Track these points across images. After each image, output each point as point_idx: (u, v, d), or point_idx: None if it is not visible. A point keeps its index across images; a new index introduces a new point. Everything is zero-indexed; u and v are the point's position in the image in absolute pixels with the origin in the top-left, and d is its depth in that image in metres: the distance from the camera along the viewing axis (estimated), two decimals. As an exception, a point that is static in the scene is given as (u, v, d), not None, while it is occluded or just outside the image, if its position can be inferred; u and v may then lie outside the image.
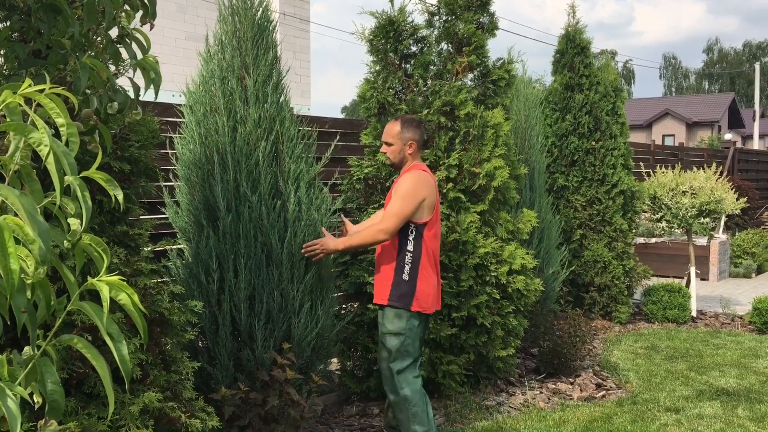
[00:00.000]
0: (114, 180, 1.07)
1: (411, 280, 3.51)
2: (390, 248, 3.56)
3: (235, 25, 3.67)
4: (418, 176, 3.54)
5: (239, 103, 3.58)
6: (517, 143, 5.93)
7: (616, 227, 6.87)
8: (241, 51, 3.65)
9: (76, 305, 0.94)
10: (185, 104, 3.73)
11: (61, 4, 1.61)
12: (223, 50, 3.67)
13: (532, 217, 4.99)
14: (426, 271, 3.54)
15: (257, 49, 3.65)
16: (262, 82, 3.63)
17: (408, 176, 3.54)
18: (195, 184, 3.59)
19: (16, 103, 0.93)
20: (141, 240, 2.84)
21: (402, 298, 3.49)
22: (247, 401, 3.32)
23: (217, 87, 3.60)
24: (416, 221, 3.51)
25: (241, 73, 3.62)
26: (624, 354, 5.81)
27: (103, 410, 2.49)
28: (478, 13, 4.68)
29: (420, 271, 3.52)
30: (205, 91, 3.64)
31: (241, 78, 3.62)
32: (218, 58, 3.66)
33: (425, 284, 3.53)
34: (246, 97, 3.61)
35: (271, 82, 3.67)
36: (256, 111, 3.57)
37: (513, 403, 4.54)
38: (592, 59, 7.06)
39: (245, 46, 3.65)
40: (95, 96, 1.61)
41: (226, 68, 3.62)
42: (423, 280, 3.52)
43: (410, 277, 3.51)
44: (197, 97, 3.65)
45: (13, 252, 0.80)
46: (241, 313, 3.49)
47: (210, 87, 3.64)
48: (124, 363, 0.94)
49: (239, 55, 3.64)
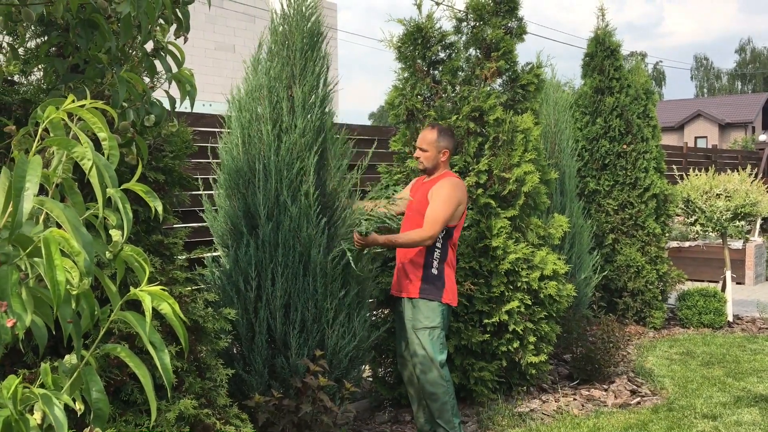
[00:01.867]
0: (153, 191, 1.09)
1: (440, 274, 3.74)
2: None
3: (285, 35, 3.70)
4: (455, 183, 3.77)
5: (285, 112, 3.61)
6: (547, 148, 5.90)
7: (648, 231, 6.78)
8: (289, 61, 3.68)
9: (119, 315, 0.96)
10: (227, 113, 3.78)
11: (98, 20, 1.65)
12: (272, 59, 3.70)
13: (564, 222, 4.95)
14: (450, 268, 3.80)
15: (306, 60, 3.69)
16: (308, 92, 3.66)
17: (445, 183, 3.73)
18: (236, 191, 3.62)
19: (59, 118, 0.95)
20: (175, 249, 2.88)
21: (434, 291, 3.71)
22: (281, 408, 3.34)
23: (264, 95, 3.64)
24: (448, 224, 3.74)
25: (289, 83, 3.65)
26: (659, 360, 5.72)
27: (140, 417, 2.53)
28: (506, 18, 4.67)
29: (446, 268, 3.77)
30: (250, 99, 3.68)
31: (289, 87, 3.65)
32: (267, 67, 3.69)
33: (450, 280, 3.79)
34: (293, 106, 3.63)
35: (318, 93, 3.70)
36: (302, 121, 3.59)
37: (546, 410, 4.50)
38: (622, 62, 6.99)
39: (294, 56, 3.68)
40: (132, 109, 1.65)
41: (275, 77, 3.65)
42: (448, 276, 3.78)
43: (439, 272, 3.74)
44: (242, 105, 3.69)
45: (59, 264, 0.82)
46: (276, 321, 3.52)
47: (256, 95, 3.67)
48: (167, 372, 0.96)
49: (288, 65, 3.67)
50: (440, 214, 3.66)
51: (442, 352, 3.71)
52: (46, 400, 0.84)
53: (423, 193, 3.81)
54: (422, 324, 3.70)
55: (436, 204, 3.69)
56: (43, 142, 0.95)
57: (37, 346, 2.38)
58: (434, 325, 3.70)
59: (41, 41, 2.37)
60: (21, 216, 0.83)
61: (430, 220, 3.66)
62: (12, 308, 0.82)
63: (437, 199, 3.69)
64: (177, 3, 1.81)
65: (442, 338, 3.73)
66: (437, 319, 3.71)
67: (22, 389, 0.84)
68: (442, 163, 3.86)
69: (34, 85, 2.51)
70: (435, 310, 3.71)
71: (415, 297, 3.73)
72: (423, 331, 3.70)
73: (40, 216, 1.03)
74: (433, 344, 3.69)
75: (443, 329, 3.75)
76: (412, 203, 3.86)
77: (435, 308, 3.71)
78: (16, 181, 0.84)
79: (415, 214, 3.81)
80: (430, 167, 3.86)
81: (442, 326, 3.74)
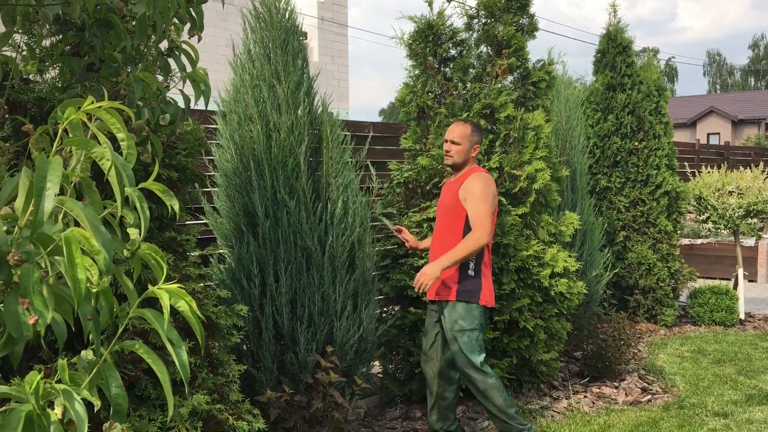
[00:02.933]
0: (169, 190, 1.11)
1: (476, 276, 3.65)
2: (452, 245, 3.64)
3: (263, 32, 3.71)
4: (486, 177, 3.68)
5: (271, 110, 3.62)
6: (558, 145, 5.89)
7: (660, 228, 6.76)
8: (270, 58, 3.70)
9: (138, 312, 0.98)
10: (218, 113, 3.79)
11: (113, 19, 1.66)
12: (251, 59, 3.71)
13: (575, 219, 4.95)
14: (487, 267, 3.70)
15: (287, 55, 3.69)
16: (293, 89, 3.67)
17: (477, 178, 3.64)
18: (234, 191, 3.66)
19: (78, 119, 0.97)
20: (188, 245, 2.91)
21: (471, 293, 3.62)
22: (292, 404, 3.37)
23: (249, 95, 3.65)
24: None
25: (272, 81, 3.67)
26: (670, 357, 5.71)
27: (154, 412, 2.55)
28: (517, 15, 4.67)
29: (483, 268, 3.67)
30: (238, 99, 3.69)
31: (272, 86, 3.66)
32: (248, 67, 3.71)
33: (487, 280, 3.69)
34: (278, 104, 3.65)
35: (302, 89, 3.71)
36: (288, 118, 3.61)
37: (557, 407, 4.50)
38: (634, 58, 6.96)
39: (274, 53, 3.69)
40: (147, 108, 1.66)
41: (257, 76, 3.67)
42: (485, 276, 3.68)
43: (475, 273, 3.65)
44: (231, 106, 3.71)
45: (80, 262, 0.84)
46: (283, 317, 3.54)
47: (243, 96, 3.69)
48: (184, 368, 0.97)
49: (269, 63, 3.69)
50: (484, 210, 3.58)
51: (480, 353, 3.64)
52: (67, 396, 0.86)
53: (453, 190, 3.72)
54: (460, 326, 3.62)
55: (475, 201, 3.60)
56: (62, 142, 0.96)
57: (52, 342, 2.41)
58: (472, 327, 3.62)
59: (56, 40, 2.39)
60: (42, 215, 0.85)
61: (477, 219, 3.58)
62: (34, 305, 0.84)
63: (475, 196, 3.60)
64: (191, 2, 1.82)
65: (480, 340, 3.65)
66: (475, 321, 3.63)
67: (44, 385, 0.86)
68: (471, 158, 3.78)
69: (49, 83, 2.54)
70: (473, 312, 3.63)
71: (452, 300, 3.65)
72: (461, 334, 3.62)
73: (59, 215, 1.05)
74: (471, 347, 3.61)
75: (481, 331, 3.67)
76: (442, 203, 3.78)
77: (473, 310, 3.63)
78: (38, 181, 0.85)
79: (447, 212, 3.73)
80: (460, 162, 3.75)
81: (480, 328, 3.66)
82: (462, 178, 3.72)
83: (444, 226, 3.72)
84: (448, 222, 3.70)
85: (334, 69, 16.96)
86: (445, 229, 3.72)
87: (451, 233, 3.68)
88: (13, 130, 2.45)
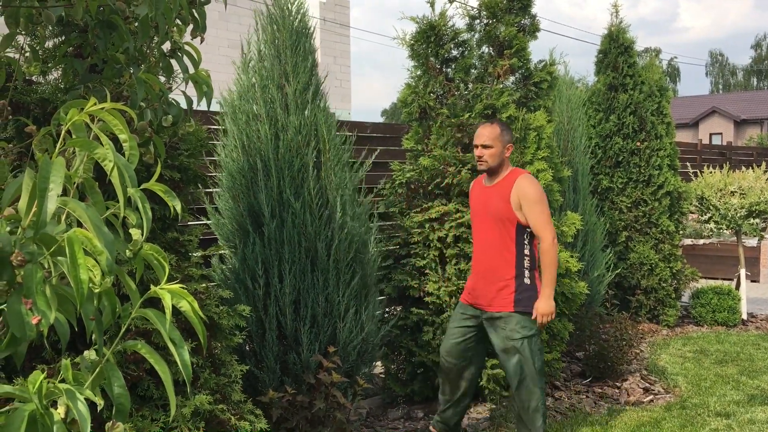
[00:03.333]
0: (171, 191, 1.12)
1: (532, 283, 3.53)
2: (506, 254, 3.52)
3: (274, 33, 3.72)
4: (535, 180, 3.56)
5: (280, 110, 3.63)
6: (560, 145, 5.89)
7: (662, 229, 6.76)
8: (280, 59, 3.70)
9: (140, 312, 0.98)
10: (224, 112, 3.79)
11: (116, 21, 1.67)
12: (261, 59, 3.72)
13: (576, 220, 4.95)
14: (538, 271, 3.58)
15: (296, 56, 3.70)
16: (302, 89, 3.68)
17: (528, 181, 3.51)
18: (239, 191, 3.66)
19: (81, 120, 0.97)
20: (190, 246, 2.91)
21: (529, 302, 3.50)
22: (294, 404, 3.37)
23: (258, 95, 3.66)
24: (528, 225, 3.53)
25: (281, 81, 3.68)
26: (672, 358, 5.71)
27: (156, 412, 2.56)
28: (519, 16, 4.67)
29: (536, 274, 3.56)
30: (245, 99, 3.70)
31: (281, 86, 3.67)
32: (258, 67, 3.72)
33: (539, 283, 3.55)
34: (287, 104, 3.66)
35: (310, 90, 3.72)
36: (296, 118, 3.62)
37: (559, 408, 4.51)
38: (636, 58, 6.96)
39: (284, 54, 3.70)
40: (150, 109, 1.67)
41: (266, 76, 3.68)
42: (539, 281, 3.55)
43: (531, 281, 3.53)
44: (238, 106, 3.71)
45: (82, 263, 0.85)
46: (286, 317, 3.55)
47: (251, 95, 3.70)
48: (186, 368, 0.98)
49: (279, 64, 3.70)
50: (545, 214, 3.47)
51: (542, 356, 3.53)
52: (70, 395, 0.86)
53: (500, 196, 3.52)
54: (520, 334, 3.46)
55: (535, 206, 3.45)
56: (65, 143, 0.97)
57: (55, 342, 2.42)
58: (533, 333, 3.49)
59: (59, 42, 2.40)
60: (45, 216, 0.85)
61: (541, 224, 3.45)
62: (37, 305, 0.85)
63: (533, 201, 3.45)
64: (194, 3, 1.83)
65: (540, 344, 3.55)
66: (534, 326, 3.50)
67: (47, 384, 0.86)
68: (506, 159, 3.59)
69: (51, 84, 2.55)
70: (528, 318, 3.50)
71: (509, 311, 3.50)
72: (523, 342, 3.46)
73: (62, 215, 1.05)
74: (536, 353, 3.49)
75: (539, 333, 3.57)
76: (487, 210, 3.57)
77: (528, 316, 3.50)
78: (41, 182, 0.86)
79: (497, 221, 3.53)
80: (496, 165, 3.56)
81: (538, 331, 3.54)
82: (506, 182, 3.55)
83: (496, 236, 3.54)
84: (499, 230, 3.53)
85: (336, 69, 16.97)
86: (497, 239, 3.54)
87: (505, 242, 3.52)
88: (16, 131, 2.46)
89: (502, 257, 3.52)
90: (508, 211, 3.48)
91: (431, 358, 4.25)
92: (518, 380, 3.50)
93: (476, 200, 3.67)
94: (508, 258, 3.52)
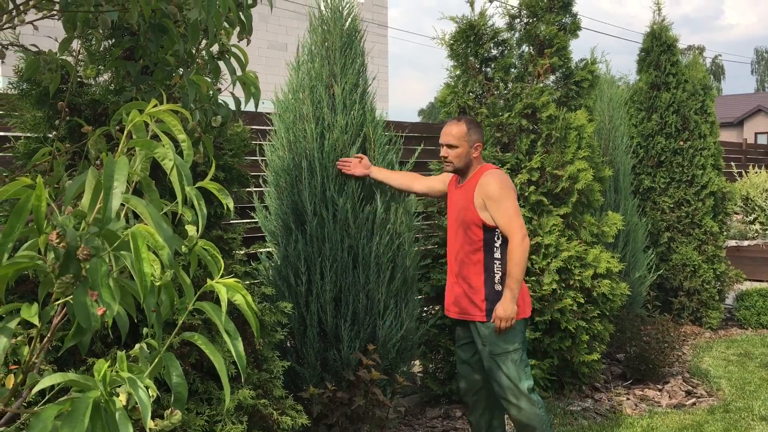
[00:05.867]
0: (225, 189, 1.16)
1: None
2: (474, 258, 3.29)
3: (324, 35, 3.78)
4: (499, 172, 3.31)
5: (327, 110, 3.68)
6: (601, 144, 5.84)
7: (706, 230, 6.64)
8: (329, 60, 3.76)
9: (198, 305, 1.02)
10: (274, 112, 3.87)
11: (167, 24, 1.72)
12: (312, 59, 3.78)
13: (618, 220, 4.90)
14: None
15: (345, 58, 3.75)
16: (349, 90, 3.72)
17: (489, 177, 3.25)
18: (284, 189, 3.72)
19: (142, 121, 1.02)
20: (234, 243, 2.97)
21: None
22: (334, 400, 3.41)
23: (306, 95, 3.72)
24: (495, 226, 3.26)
25: (330, 82, 3.73)
26: (715, 361, 5.61)
27: (201, 405, 2.62)
28: (560, 15, 4.65)
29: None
30: (294, 99, 3.77)
31: (329, 86, 3.72)
32: (307, 67, 3.78)
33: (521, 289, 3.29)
34: (334, 104, 3.71)
35: (358, 90, 3.77)
36: (343, 118, 3.67)
37: (599, 409, 4.47)
38: (678, 56, 6.85)
39: (334, 55, 3.75)
40: (200, 110, 1.72)
41: (315, 77, 3.73)
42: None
43: (502, 286, 3.25)
44: (286, 105, 3.78)
45: (146, 257, 0.89)
46: (327, 314, 3.59)
47: (299, 95, 3.76)
48: (240, 359, 1.02)
49: (328, 64, 3.75)
50: (510, 209, 3.19)
51: (528, 378, 3.23)
52: (132, 383, 0.90)
53: (465, 198, 3.31)
54: (501, 348, 3.21)
55: (497, 203, 3.19)
56: (128, 143, 1.01)
57: (104, 336, 2.49)
58: (515, 347, 3.22)
59: (109, 44, 2.48)
60: (110, 212, 0.90)
61: (507, 221, 3.18)
62: (102, 297, 0.89)
63: (494, 198, 3.20)
64: (241, 6, 1.87)
65: (525, 360, 3.26)
66: (517, 340, 3.22)
67: (111, 373, 0.90)
68: (474, 159, 3.34)
69: (102, 86, 2.63)
70: (512, 329, 3.21)
71: (483, 321, 3.26)
72: (503, 357, 3.21)
73: (120, 212, 1.10)
74: (518, 369, 3.20)
75: (524, 348, 3.27)
76: (453, 213, 3.39)
77: (512, 328, 3.21)
78: (106, 180, 0.90)
79: (462, 224, 3.31)
80: (462, 166, 3.34)
81: (523, 346, 3.26)
82: (471, 182, 3.32)
83: (463, 239, 3.32)
84: (465, 234, 3.30)
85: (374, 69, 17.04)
86: (465, 243, 3.31)
87: (472, 246, 3.28)
88: (67, 131, 2.55)
89: (470, 262, 3.28)
90: (473, 213, 3.25)
91: (470, 357, 4.25)
92: (506, 402, 3.26)
93: (449, 202, 3.48)
94: (476, 264, 3.27)
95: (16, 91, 2.55)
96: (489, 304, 3.25)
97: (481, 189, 3.24)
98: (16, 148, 2.59)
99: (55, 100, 2.48)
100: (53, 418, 0.88)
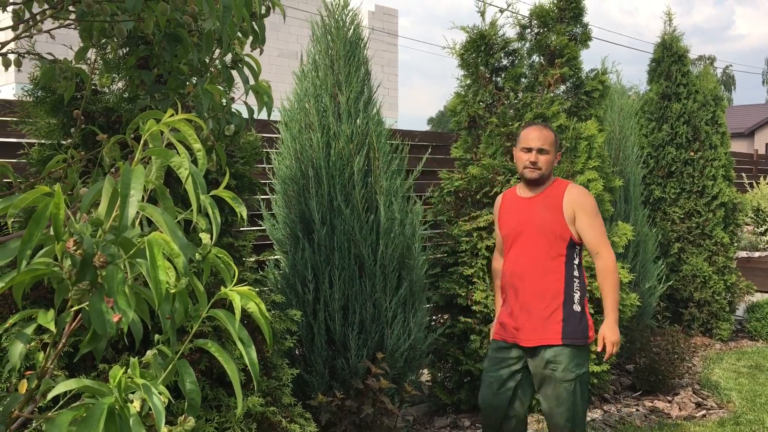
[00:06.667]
0: (238, 198, 1.17)
1: (582, 310, 3.09)
2: (553, 277, 3.07)
3: (328, 44, 3.80)
4: (587, 190, 3.19)
5: (332, 119, 3.70)
6: (611, 154, 5.83)
7: (716, 241, 6.61)
8: (333, 69, 3.78)
9: (211, 312, 1.03)
10: (281, 121, 3.89)
11: (181, 34, 1.74)
12: (316, 69, 3.81)
13: (628, 230, 4.89)
14: (586, 296, 3.18)
15: (349, 66, 3.77)
16: (354, 98, 3.74)
17: (581, 191, 3.11)
18: (291, 198, 3.74)
19: (158, 130, 1.03)
20: (244, 251, 2.99)
21: (580, 332, 3.05)
22: (343, 408, 3.41)
23: (311, 104, 3.74)
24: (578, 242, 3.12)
25: (334, 90, 3.75)
26: (726, 372, 5.57)
27: (210, 412, 2.63)
28: (570, 25, 4.66)
29: (585, 300, 3.14)
30: (299, 108, 3.79)
31: (334, 95, 3.74)
32: (312, 76, 3.80)
33: (588, 313, 3.15)
34: (339, 113, 3.73)
35: (362, 99, 3.78)
36: (348, 127, 3.68)
37: (608, 420, 4.45)
38: (689, 67, 6.84)
39: (338, 64, 3.77)
40: (213, 119, 1.74)
41: (320, 86, 3.76)
42: (587, 308, 3.15)
43: (581, 307, 3.08)
44: (292, 115, 3.81)
45: (162, 265, 0.90)
46: (335, 322, 3.60)
47: (304, 104, 3.78)
48: (253, 366, 1.02)
49: (332, 73, 3.77)
50: (602, 228, 3.08)
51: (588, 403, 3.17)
52: (146, 390, 0.91)
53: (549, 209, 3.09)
54: (574, 373, 3.02)
55: (592, 219, 3.06)
56: (144, 152, 1.03)
57: (115, 343, 2.51)
58: (585, 370, 3.07)
59: (124, 53, 2.51)
60: (126, 220, 0.91)
61: (598, 240, 3.05)
62: (118, 304, 0.90)
63: (589, 213, 3.06)
64: (254, 16, 1.89)
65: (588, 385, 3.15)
66: (586, 363, 3.08)
67: (125, 379, 0.91)
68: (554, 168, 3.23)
69: (116, 94, 2.66)
70: (584, 352, 3.06)
71: (558, 344, 3.02)
72: (576, 382, 3.03)
73: (136, 220, 1.11)
74: (585, 394, 3.07)
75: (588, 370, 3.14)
76: (531, 223, 3.11)
77: (584, 351, 3.06)
78: (123, 188, 0.92)
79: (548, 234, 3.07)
80: (547, 174, 3.13)
81: (588, 372, 3.13)
82: (554, 192, 3.13)
83: (542, 255, 3.08)
84: (546, 249, 3.07)
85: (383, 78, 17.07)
86: (544, 259, 3.08)
87: (553, 263, 3.07)
88: (81, 139, 2.57)
89: (548, 280, 3.06)
90: (561, 226, 3.06)
91: (478, 366, 4.24)
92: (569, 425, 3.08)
93: (513, 215, 3.20)
94: (555, 281, 3.06)
95: (31, 99, 2.59)
96: (567, 325, 3.03)
97: (575, 201, 3.07)
98: (30, 155, 2.62)
99: (70, 107, 2.51)
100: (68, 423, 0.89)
